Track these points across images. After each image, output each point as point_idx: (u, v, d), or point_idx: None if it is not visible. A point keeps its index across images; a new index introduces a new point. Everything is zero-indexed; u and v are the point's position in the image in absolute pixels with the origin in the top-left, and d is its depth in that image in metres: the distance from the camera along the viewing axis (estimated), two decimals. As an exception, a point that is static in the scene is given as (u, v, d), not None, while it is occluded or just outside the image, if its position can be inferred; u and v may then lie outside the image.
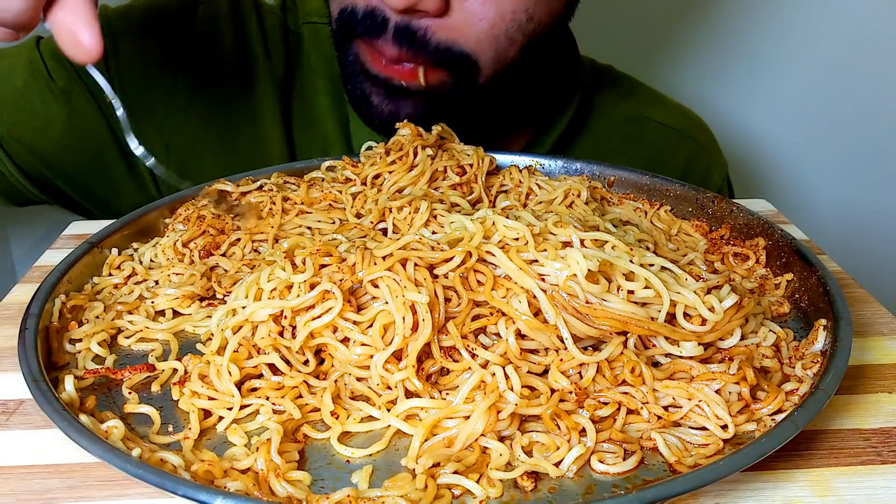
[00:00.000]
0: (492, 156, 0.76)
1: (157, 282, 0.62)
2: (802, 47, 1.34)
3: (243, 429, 0.46)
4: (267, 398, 0.48)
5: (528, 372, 0.49)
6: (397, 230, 0.65)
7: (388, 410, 0.47)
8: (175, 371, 0.51)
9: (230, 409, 0.47)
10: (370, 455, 0.45)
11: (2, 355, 0.54)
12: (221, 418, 0.47)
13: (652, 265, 0.51)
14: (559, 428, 0.46)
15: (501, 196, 0.73)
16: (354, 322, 0.50)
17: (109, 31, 0.86)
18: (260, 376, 0.50)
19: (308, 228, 0.68)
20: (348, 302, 0.50)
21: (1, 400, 0.50)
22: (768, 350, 0.52)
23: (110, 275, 0.63)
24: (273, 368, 0.50)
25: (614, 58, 1.08)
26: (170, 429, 0.47)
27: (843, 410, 0.49)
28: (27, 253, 1.23)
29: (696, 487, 0.39)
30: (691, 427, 0.47)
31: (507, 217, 0.54)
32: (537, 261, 0.51)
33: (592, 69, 1.03)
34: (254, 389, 0.49)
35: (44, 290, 0.56)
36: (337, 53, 0.82)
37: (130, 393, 0.49)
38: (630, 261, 0.50)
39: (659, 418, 0.47)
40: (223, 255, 0.66)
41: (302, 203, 0.71)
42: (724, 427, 0.46)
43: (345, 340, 0.50)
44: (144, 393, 0.50)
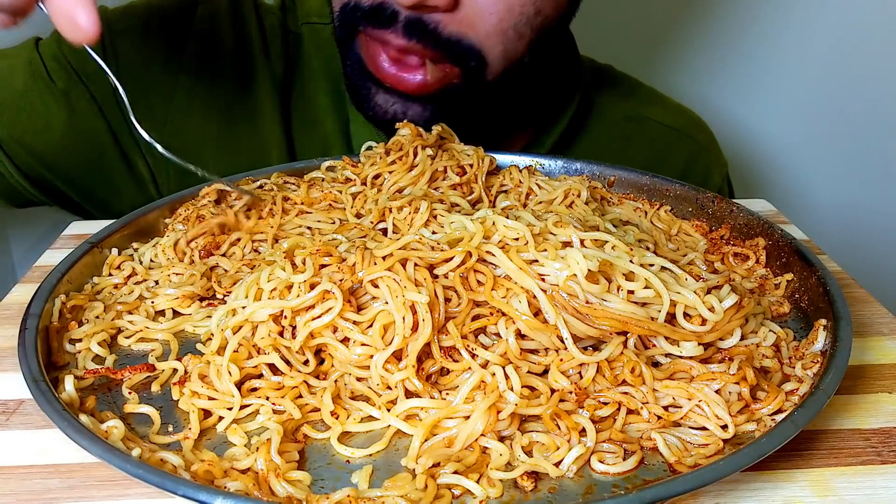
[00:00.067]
0: (492, 156, 0.76)
1: (157, 282, 0.62)
2: (802, 47, 1.34)
3: (243, 429, 0.46)
4: (267, 398, 0.48)
5: (528, 372, 0.49)
6: (397, 230, 0.65)
7: (388, 410, 0.47)
8: (175, 371, 0.51)
9: (230, 409, 0.47)
10: (370, 455, 0.45)
11: (2, 355, 0.54)
12: (221, 418, 0.47)
13: (652, 265, 0.51)
14: (559, 428, 0.46)
15: (501, 196, 0.73)
16: (354, 322, 0.50)
17: (109, 31, 0.86)
18: (260, 376, 0.50)
19: (308, 228, 0.68)
20: (348, 302, 0.50)
21: (1, 400, 0.50)
22: (768, 350, 0.52)
23: (110, 275, 0.63)
24: (273, 368, 0.50)
25: (614, 58, 1.08)
26: (170, 429, 0.47)
27: (843, 410, 0.49)
28: (27, 253, 1.23)
29: (696, 487, 0.39)
30: (691, 427, 0.47)
31: (507, 217, 0.54)
32: (537, 261, 0.51)
33: (592, 69, 1.03)
34: (254, 389, 0.49)
35: (44, 290, 0.56)
36: (339, 51, 0.82)
37: (130, 393, 0.49)
38: (630, 261, 0.50)
39: (659, 418, 0.47)
40: (223, 255, 0.66)
41: (302, 203, 0.71)
42: (724, 427, 0.46)
43: (345, 340, 0.50)
44: (144, 393, 0.50)
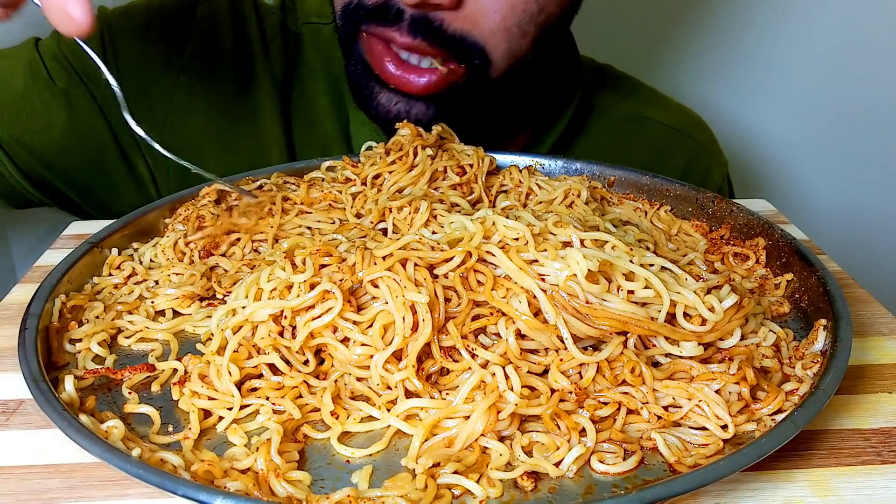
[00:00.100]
0: (492, 156, 0.76)
1: (157, 282, 0.62)
2: (802, 47, 1.34)
3: (243, 429, 0.46)
4: (267, 398, 0.48)
5: (528, 372, 0.49)
6: (397, 230, 0.65)
7: (388, 410, 0.47)
8: (175, 371, 0.51)
9: (230, 409, 0.47)
10: (370, 455, 0.45)
11: (2, 355, 0.54)
12: (221, 418, 0.47)
13: (652, 265, 0.51)
14: (559, 428, 0.46)
15: (501, 196, 0.73)
16: (354, 322, 0.50)
17: (109, 31, 0.86)
18: (260, 376, 0.50)
19: (308, 228, 0.68)
20: (348, 302, 0.50)
21: (1, 400, 0.50)
22: (768, 350, 0.52)
23: (110, 275, 0.63)
24: (273, 368, 0.50)
25: (614, 58, 1.08)
26: (170, 429, 0.47)
27: (843, 410, 0.49)
28: (27, 253, 1.23)
29: (696, 487, 0.39)
30: (691, 427, 0.47)
31: (507, 217, 0.54)
32: (537, 261, 0.51)
33: (592, 69, 1.03)
34: (254, 389, 0.49)
35: (44, 290, 0.56)
36: (342, 50, 0.82)
37: (130, 393, 0.49)
38: (630, 261, 0.50)
39: (659, 418, 0.47)
40: (223, 255, 0.66)
41: (302, 203, 0.71)
42: (724, 427, 0.46)
43: (345, 340, 0.50)
44: (144, 393, 0.50)
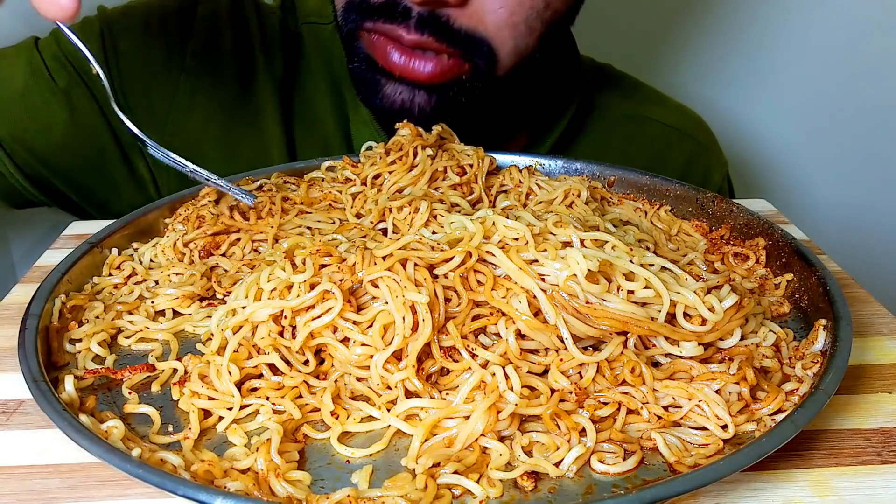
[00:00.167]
0: (492, 156, 0.76)
1: (157, 282, 0.63)
2: (803, 47, 1.34)
3: (243, 429, 0.46)
4: (267, 398, 0.48)
5: (528, 372, 0.49)
6: (397, 230, 0.65)
7: (388, 410, 0.47)
8: (175, 371, 0.51)
9: (230, 409, 0.47)
10: (370, 455, 0.45)
11: (2, 355, 0.54)
12: (221, 418, 0.47)
13: (652, 265, 0.51)
14: (559, 428, 0.46)
15: (501, 196, 0.73)
16: (354, 322, 0.50)
17: (109, 31, 0.86)
18: (260, 376, 0.50)
19: (308, 228, 0.68)
20: (348, 302, 0.50)
21: (1, 400, 0.50)
22: (768, 350, 0.52)
23: (110, 275, 0.63)
24: (273, 368, 0.50)
25: (615, 57, 1.08)
26: (170, 429, 0.47)
27: (843, 410, 0.49)
28: (27, 253, 1.23)
29: (696, 487, 0.39)
30: (691, 427, 0.47)
31: (507, 217, 0.54)
32: (537, 261, 0.51)
33: (592, 69, 1.03)
34: (254, 389, 0.49)
35: (44, 290, 0.56)
36: (344, 49, 0.82)
37: (130, 393, 0.49)
38: (630, 261, 0.50)
39: (659, 418, 0.47)
40: (223, 255, 0.66)
41: (302, 203, 0.71)
42: (724, 427, 0.46)
43: (345, 340, 0.50)
44: (144, 393, 0.50)
